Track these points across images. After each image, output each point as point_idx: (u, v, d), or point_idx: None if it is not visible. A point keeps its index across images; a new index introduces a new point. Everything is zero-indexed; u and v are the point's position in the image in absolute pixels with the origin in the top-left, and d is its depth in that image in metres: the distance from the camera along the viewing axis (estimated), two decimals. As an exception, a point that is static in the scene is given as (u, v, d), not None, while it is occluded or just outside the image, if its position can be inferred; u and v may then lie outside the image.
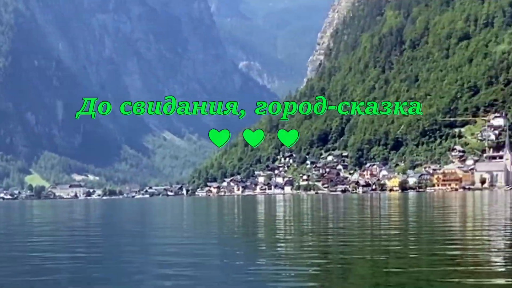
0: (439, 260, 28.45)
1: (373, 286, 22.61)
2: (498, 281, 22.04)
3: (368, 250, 34.31)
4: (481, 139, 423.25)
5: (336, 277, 24.79)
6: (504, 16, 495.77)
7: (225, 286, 23.73)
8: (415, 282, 22.49)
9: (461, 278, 22.76)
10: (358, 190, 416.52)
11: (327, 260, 30.05)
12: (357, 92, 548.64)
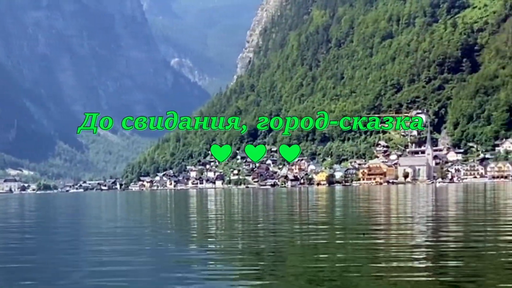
0: (364, 252, 28.61)
1: (302, 274, 22.77)
2: (419, 274, 22.32)
3: (297, 243, 34.35)
4: (404, 135, 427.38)
5: (267, 267, 24.97)
6: (425, 16, 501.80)
7: (156, 275, 23.64)
8: (341, 275, 22.58)
9: (384, 272, 22.76)
10: (287, 184, 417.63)
11: (258, 254, 29.64)
12: (286, 89, 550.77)
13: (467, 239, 34.33)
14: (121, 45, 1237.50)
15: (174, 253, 29.53)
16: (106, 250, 31.39)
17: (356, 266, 24.14)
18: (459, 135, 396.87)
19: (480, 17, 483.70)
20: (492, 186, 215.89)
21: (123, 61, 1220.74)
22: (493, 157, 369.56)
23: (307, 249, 30.21)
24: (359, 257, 26.72)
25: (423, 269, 23.67)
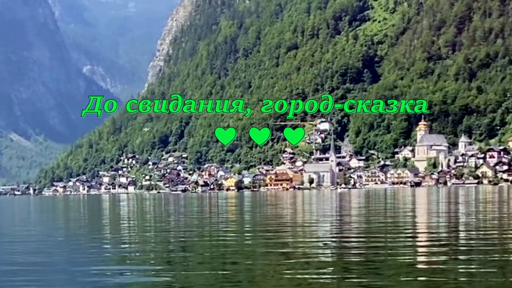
0: (273, 254, 29.43)
1: (212, 277, 23.21)
2: (325, 271, 23.55)
3: (207, 246, 34.77)
4: (309, 142, 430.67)
5: (179, 271, 24.83)
6: (328, 28, 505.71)
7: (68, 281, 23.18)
8: (249, 276, 23.28)
9: (293, 270, 23.82)
10: (197, 190, 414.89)
11: (168, 256, 30.34)
12: (195, 97, 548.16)
13: (368, 240, 35.94)
14: (34, 52, 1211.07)
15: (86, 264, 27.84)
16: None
17: (263, 268, 25.03)
18: (361, 143, 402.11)
19: (379, 30, 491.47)
20: (391, 191, 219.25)
21: (36, 68, 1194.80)
22: (393, 164, 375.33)
23: (216, 255, 30.13)
24: (266, 259, 27.47)
25: (328, 266, 24.77)
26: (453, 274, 22.10)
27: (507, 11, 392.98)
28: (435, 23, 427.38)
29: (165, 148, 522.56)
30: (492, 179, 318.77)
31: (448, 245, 31.49)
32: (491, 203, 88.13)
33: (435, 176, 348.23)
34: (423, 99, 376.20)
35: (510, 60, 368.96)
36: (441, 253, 27.87)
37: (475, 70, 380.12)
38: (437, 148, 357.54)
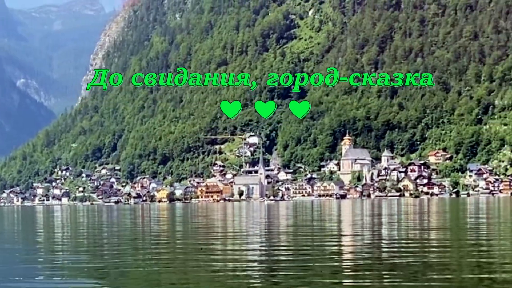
0: (204, 266, 29.40)
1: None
2: (254, 281, 24.20)
3: (140, 257, 34.83)
4: (238, 155, 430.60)
5: (113, 283, 24.90)
6: (257, 45, 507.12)
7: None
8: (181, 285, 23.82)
9: (225, 279, 24.54)
10: (130, 201, 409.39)
11: (102, 266, 30.29)
12: (128, 111, 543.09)
13: (296, 248, 38.06)
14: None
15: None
16: None
17: (195, 277, 25.57)
18: (289, 156, 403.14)
19: (306, 47, 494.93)
20: (318, 203, 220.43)
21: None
22: (319, 177, 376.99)
23: (148, 266, 29.68)
24: (197, 269, 27.95)
25: (257, 276, 25.79)
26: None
27: (426, 31, 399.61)
28: (359, 42, 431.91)
29: (98, 160, 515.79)
30: (413, 192, 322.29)
31: (371, 257, 32.34)
32: (412, 215, 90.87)
33: (359, 189, 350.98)
34: (348, 115, 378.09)
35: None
36: (366, 266, 28.35)
37: (397, 88, 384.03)
38: (361, 162, 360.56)
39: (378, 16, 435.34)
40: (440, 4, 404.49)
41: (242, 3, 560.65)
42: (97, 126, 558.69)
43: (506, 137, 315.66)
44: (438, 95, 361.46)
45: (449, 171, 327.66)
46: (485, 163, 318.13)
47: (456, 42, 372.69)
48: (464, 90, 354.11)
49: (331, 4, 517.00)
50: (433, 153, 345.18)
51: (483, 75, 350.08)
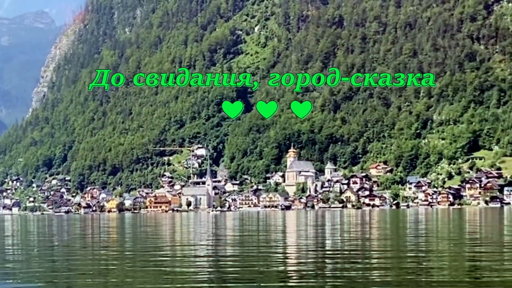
0: (152, 273, 29.61)
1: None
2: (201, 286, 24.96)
3: (89, 265, 34.92)
4: (186, 167, 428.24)
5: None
6: (204, 60, 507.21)
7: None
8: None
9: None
10: (80, 211, 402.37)
11: (52, 273, 30.40)
12: (78, 122, 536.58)
13: (242, 256, 39.23)
14: None
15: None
16: None
17: (141, 282, 26.24)
18: (235, 168, 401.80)
19: (252, 62, 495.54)
20: (263, 214, 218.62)
21: None
22: (265, 188, 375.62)
23: (98, 275, 29.64)
24: (145, 278, 27.85)
25: (205, 280, 26.75)
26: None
27: (367, 48, 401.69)
28: (303, 58, 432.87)
29: (49, 171, 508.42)
30: (355, 204, 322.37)
31: (314, 265, 33.11)
32: (354, 225, 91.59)
33: (303, 200, 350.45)
34: (292, 128, 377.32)
35: (371, 93, 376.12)
36: (309, 274, 29.07)
37: (339, 102, 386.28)
38: (305, 174, 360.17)
39: (321, 33, 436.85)
40: (381, 22, 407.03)
41: (190, 19, 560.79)
42: (48, 137, 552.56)
43: (444, 151, 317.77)
44: (379, 110, 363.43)
45: (390, 183, 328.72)
46: (424, 176, 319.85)
47: (396, 59, 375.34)
48: (404, 106, 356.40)
49: (276, 20, 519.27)
50: (374, 166, 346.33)
51: (422, 91, 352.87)
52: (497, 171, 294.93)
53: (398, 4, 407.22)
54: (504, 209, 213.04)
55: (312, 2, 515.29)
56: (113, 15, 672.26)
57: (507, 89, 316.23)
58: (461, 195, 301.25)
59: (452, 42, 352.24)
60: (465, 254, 38.60)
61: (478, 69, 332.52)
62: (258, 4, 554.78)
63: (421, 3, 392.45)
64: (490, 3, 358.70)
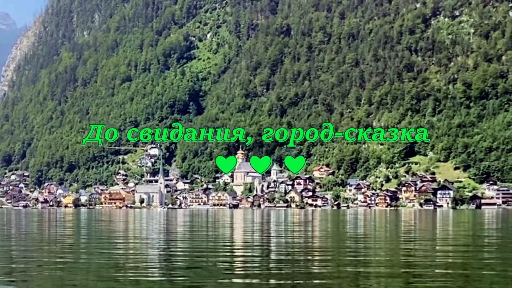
0: (106, 266, 30.28)
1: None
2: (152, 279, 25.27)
3: (45, 257, 34.76)
4: (140, 166, 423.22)
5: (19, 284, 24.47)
6: (159, 64, 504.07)
7: None
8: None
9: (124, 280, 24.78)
10: (38, 206, 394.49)
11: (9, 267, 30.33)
12: (37, 121, 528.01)
13: (191, 250, 40.42)
14: None
15: None
16: None
17: (97, 277, 25.93)
18: (187, 167, 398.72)
19: (204, 67, 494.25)
20: (213, 212, 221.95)
21: None
22: (214, 187, 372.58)
23: (53, 267, 29.72)
24: (99, 270, 28.50)
25: (156, 274, 26.69)
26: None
27: (313, 57, 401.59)
28: (252, 64, 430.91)
29: (8, 166, 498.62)
30: (299, 204, 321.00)
31: (260, 260, 34.00)
32: (297, 224, 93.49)
33: (250, 199, 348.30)
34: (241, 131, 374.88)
35: (315, 99, 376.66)
36: (255, 268, 29.81)
37: (286, 107, 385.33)
38: (252, 175, 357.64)
39: (270, 41, 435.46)
40: (326, 33, 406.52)
41: (146, 24, 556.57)
42: (8, 134, 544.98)
43: (382, 155, 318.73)
44: (323, 115, 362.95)
45: (332, 185, 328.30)
46: (363, 179, 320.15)
47: (340, 68, 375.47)
48: (346, 112, 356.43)
49: (228, 28, 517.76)
50: (317, 168, 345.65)
51: (363, 99, 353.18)
52: (431, 176, 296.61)
53: (342, 16, 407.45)
54: (437, 211, 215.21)
55: (261, 11, 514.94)
56: (72, 18, 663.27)
57: (442, 99, 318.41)
58: (397, 197, 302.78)
59: (391, 53, 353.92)
60: (400, 250, 40.86)
61: (415, 79, 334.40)
62: (211, 12, 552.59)
63: (364, 15, 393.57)
64: (428, 18, 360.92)
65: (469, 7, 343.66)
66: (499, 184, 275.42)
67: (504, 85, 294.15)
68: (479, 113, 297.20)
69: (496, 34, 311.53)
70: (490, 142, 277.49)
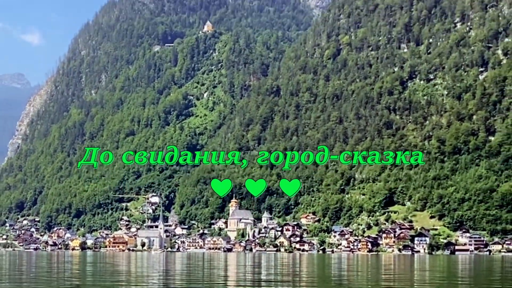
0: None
1: None
2: None
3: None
4: (142, 212, 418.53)
5: None
6: (160, 120, 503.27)
7: None
8: None
9: None
10: (47, 249, 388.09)
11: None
12: (48, 170, 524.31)
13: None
14: None
15: None
16: None
17: None
18: (185, 214, 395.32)
19: (201, 123, 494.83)
20: (208, 255, 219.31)
21: None
22: (210, 232, 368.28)
23: None
24: None
25: None
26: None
27: (300, 115, 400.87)
28: (245, 121, 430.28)
29: (21, 212, 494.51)
30: (288, 248, 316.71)
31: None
32: (286, 266, 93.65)
33: (243, 244, 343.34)
34: (235, 181, 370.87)
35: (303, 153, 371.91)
36: None
37: (276, 160, 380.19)
38: (245, 221, 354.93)
39: (261, 100, 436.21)
40: (312, 93, 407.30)
41: (148, 84, 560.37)
42: (21, 183, 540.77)
43: (364, 204, 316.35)
44: (309, 168, 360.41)
45: (317, 231, 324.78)
46: (347, 226, 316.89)
47: (325, 125, 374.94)
48: (331, 165, 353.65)
49: (223, 88, 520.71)
50: (305, 216, 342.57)
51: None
52: (409, 223, 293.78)
53: (327, 78, 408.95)
54: (415, 256, 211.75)
55: (253, 73, 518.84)
56: (81, 78, 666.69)
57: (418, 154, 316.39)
58: (378, 243, 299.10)
59: (372, 112, 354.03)
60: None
61: (394, 136, 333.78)
62: (207, 73, 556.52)
63: (347, 78, 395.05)
64: (405, 80, 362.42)
65: (442, 71, 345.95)
66: (472, 232, 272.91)
67: (475, 142, 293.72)
68: (452, 167, 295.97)
69: (467, 96, 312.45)
70: (463, 194, 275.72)
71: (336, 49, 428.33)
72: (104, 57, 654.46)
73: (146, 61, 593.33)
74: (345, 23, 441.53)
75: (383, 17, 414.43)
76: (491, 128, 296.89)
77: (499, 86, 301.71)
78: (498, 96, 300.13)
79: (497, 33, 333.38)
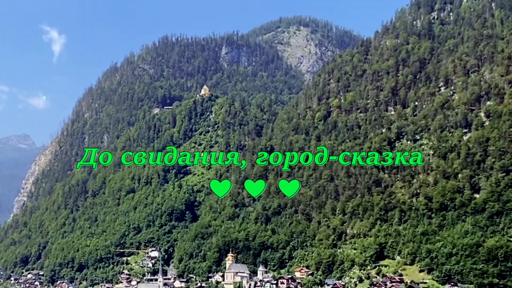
0: None
1: None
2: None
3: None
4: (142, 266, 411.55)
5: None
6: (159, 178, 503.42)
7: None
8: None
9: None
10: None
11: None
12: (52, 226, 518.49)
13: None
14: None
15: None
16: None
17: None
18: (183, 268, 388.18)
19: (198, 181, 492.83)
20: None
21: None
22: (207, 285, 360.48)
23: None
24: None
25: None
26: None
27: (293, 173, 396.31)
28: (240, 179, 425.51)
29: (25, 266, 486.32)
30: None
31: None
32: None
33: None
34: (231, 236, 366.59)
35: (296, 210, 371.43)
36: None
37: (270, 216, 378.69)
38: (241, 274, 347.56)
39: (255, 159, 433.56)
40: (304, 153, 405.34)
41: (148, 144, 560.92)
42: (26, 239, 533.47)
43: (356, 259, 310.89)
44: (303, 223, 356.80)
45: (311, 284, 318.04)
46: (339, 279, 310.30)
47: (317, 183, 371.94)
48: (323, 221, 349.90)
49: (219, 148, 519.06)
50: (299, 269, 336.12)
51: (338, 209, 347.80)
52: (399, 277, 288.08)
53: (318, 138, 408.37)
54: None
55: (248, 134, 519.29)
56: (84, 139, 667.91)
57: (407, 210, 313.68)
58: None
59: (362, 171, 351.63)
60: None
61: (383, 193, 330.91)
62: (204, 134, 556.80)
63: (337, 138, 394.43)
64: (393, 140, 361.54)
65: (428, 132, 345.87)
66: (460, 286, 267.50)
67: (461, 199, 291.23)
68: (439, 223, 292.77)
69: (452, 155, 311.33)
70: (450, 248, 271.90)
71: (327, 111, 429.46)
72: (106, 119, 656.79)
73: (146, 122, 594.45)
74: (334, 87, 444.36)
75: (370, 81, 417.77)
76: (476, 186, 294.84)
77: (483, 146, 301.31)
78: (482, 156, 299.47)
79: (480, 96, 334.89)
